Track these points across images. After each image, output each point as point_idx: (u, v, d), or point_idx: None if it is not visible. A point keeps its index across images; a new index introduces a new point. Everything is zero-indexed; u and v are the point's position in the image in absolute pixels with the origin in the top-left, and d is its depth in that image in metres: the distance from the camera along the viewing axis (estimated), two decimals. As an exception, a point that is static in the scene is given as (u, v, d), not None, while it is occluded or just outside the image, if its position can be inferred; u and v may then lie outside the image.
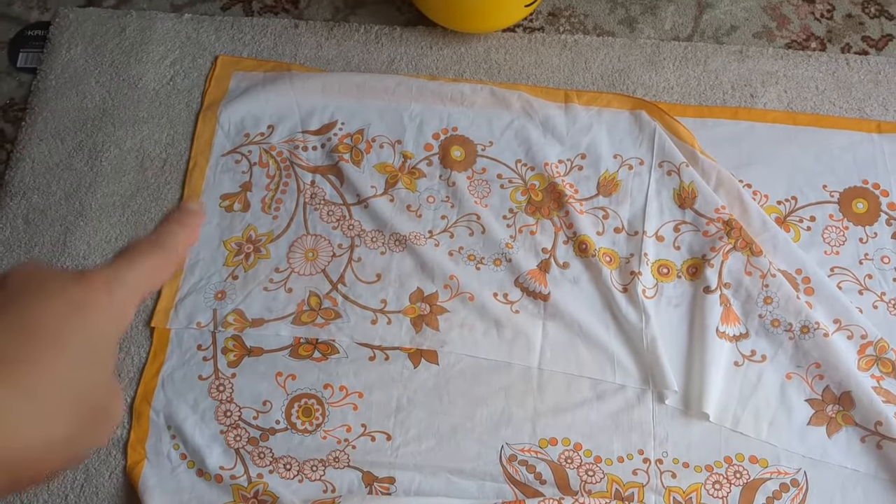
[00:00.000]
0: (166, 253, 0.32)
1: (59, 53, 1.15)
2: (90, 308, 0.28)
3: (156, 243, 0.32)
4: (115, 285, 0.29)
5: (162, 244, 0.32)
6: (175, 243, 0.33)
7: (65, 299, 0.28)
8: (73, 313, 0.27)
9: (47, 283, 0.28)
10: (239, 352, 0.97)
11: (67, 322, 0.27)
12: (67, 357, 0.26)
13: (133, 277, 0.30)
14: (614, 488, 0.91)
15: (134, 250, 0.31)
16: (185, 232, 0.33)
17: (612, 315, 0.99)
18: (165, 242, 0.32)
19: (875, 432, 0.92)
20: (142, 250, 0.31)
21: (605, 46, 1.17)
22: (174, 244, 0.33)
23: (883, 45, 1.18)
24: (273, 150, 1.08)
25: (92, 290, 0.28)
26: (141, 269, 0.31)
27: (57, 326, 0.27)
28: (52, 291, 0.28)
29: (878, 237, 1.03)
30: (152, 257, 0.32)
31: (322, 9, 1.22)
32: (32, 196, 1.06)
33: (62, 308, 0.27)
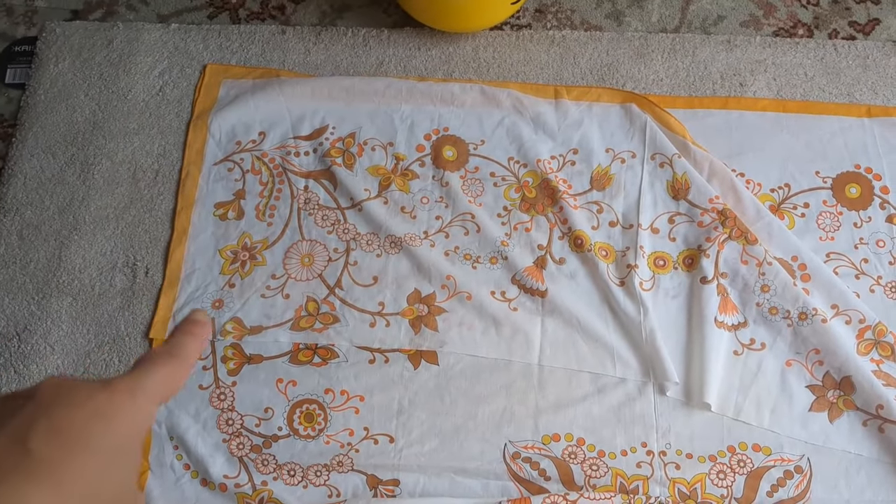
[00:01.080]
0: (180, 361, 0.35)
1: (48, 68, 1.15)
2: (115, 414, 0.30)
3: (170, 353, 0.35)
4: (137, 392, 0.32)
5: (176, 354, 0.35)
6: (188, 353, 0.36)
7: (91, 406, 0.30)
8: (100, 419, 0.30)
9: (74, 392, 0.30)
10: (238, 360, 0.97)
11: (95, 427, 0.29)
12: (96, 460, 0.29)
13: (152, 384, 0.33)
14: (619, 482, 0.91)
15: (151, 360, 0.34)
16: (196, 342, 0.37)
17: (611, 309, 0.99)
18: (179, 352, 0.35)
19: (877, 416, 0.92)
20: (158, 360, 0.34)
21: (593, 41, 1.17)
22: (187, 353, 0.36)
23: (870, 30, 1.19)
24: (265, 156, 1.08)
25: (116, 396, 0.31)
26: (159, 376, 0.33)
27: (85, 432, 0.29)
28: (80, 400, 0.30)
29: (872, 221, 1.04)
30: (168, 366, 0.34)
31: (309, 14, 1.22)
32: (26, 212, 1.06)
33: (89, 415, 0.29)
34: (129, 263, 1.02)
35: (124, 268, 1.02)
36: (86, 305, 1.00)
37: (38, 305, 1.00)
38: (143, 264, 1.02)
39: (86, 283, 1.01)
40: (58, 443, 0.28)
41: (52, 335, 0.99)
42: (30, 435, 0.28)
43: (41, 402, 0.29)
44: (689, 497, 0.90)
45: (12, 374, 0.97)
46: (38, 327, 0.99)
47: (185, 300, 1.00)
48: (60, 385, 0.30)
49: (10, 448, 0.28)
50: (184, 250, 1.03)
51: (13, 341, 0.98)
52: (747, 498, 0.90)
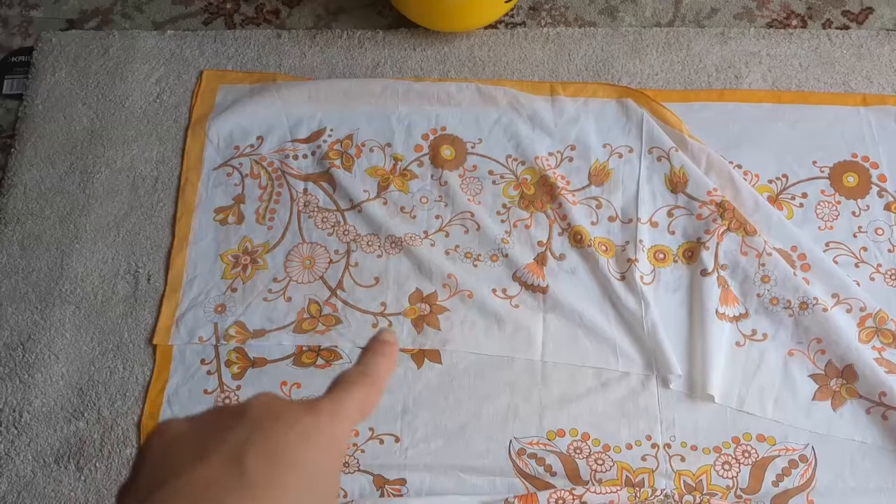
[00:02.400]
0: (373, 382, 0.35)
1: (45, 78, 1.15)
2: (321, 437, 0.31)
3: (364, 373, 0.35)
4: (340, 415, 0.33)
5: (369, 375, 0.35)
6: (380, 373, 0.36)
7: (300, 428, 0.30)
8: (307, 441, 0.30)
9: (283, 412, 0.31)
10: (242, 364, 0.97)
11: (305, 449, 0.30)
12: (305, 482, 0.29)
13: (351, 407, 0.34)
14: (624, 475, 0.91)
15: (347, 382, 0.35)
16: (387, 362, 0.37)
17: (612, 303, 0.99)
18: (372, 373, 0.36)
19: (880, 403, 0.92)
20: (353, 381, 0.35)
21: (588, 37, 1.17)
22: (379, 374, 0.36)
23: (863, 19, 1.19)
24: (264, 160, 1.08)
25: (320, 419, 0.32)
26: (356, 398, 0.34)
27: (296, 453, 0.30)
28: (289, 420, 0.31)
29: (870, 209, 1.04)
30: (363, 387, 0.35)
31: (304, 17, 1.22)
32: (26, 222, 1.06)
33: (299, 436, 0.30)
34: (131, 270, 1.03)
35: (126, 275, 1.03)
36: (89, 313, 1.01)
37: (41, 315, 1.01)
38: (145, 271, 1.03)
39: (88, 291, 1.02)
40: (271, 463, 0.29)
41: (56, 344, 0.99)
42: (245, 454, 0.29)
43: (253, 421, 0.30)
44: (694, 489, 0.90)
45: (17, 384, 0.97)
46: (42, 336, 0.99)
47: (187, 306, 1.00)
48: (271, 404, 0.31)
49: (227, 468, 0.28)
50: (185, 256, 1.03)
51: (17, 351, 0.99)
52: (753, 488, 0.90)
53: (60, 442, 0.94)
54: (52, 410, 0.96)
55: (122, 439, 0.94)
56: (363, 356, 0.37)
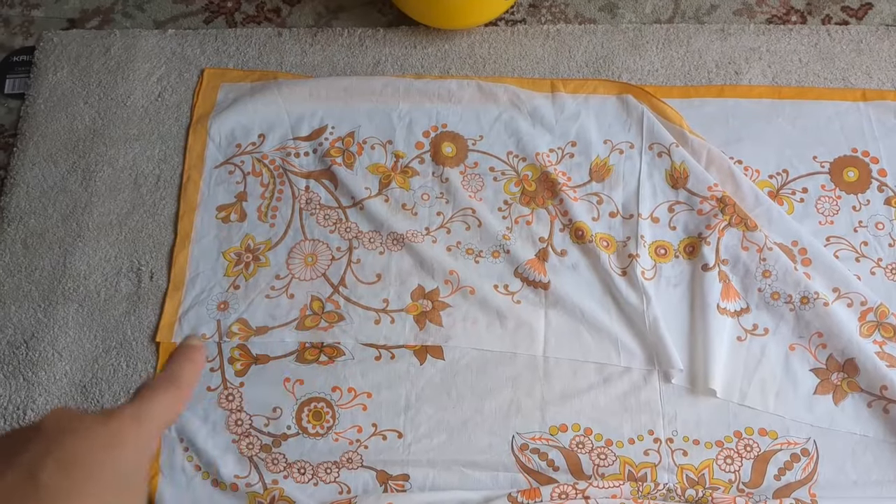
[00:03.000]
0: (180, 388, 0.36)
1: (46, 77, 1.16)
2: (122, 443, 0.31)
3: (170, 380, 0.35)
4: (142, 419, 0.32)
5: (175, 381, 0.36)
6: (187, 379, 0.36)
7: (98, 436, 0.30)
8: (107, 449, 0.30)
9: (79, 423, 0.30)
10: (245, 360, 0.97)
11: (103, 457, 0.30)
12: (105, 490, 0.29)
13: (155, 411, 0.33)
14: (627, 470, 0.91)
15: (152, 388, 0.35)
16: (194, 368, 0.37)
17: (613, 299, 0.99)
18: (178, 379, 0.36)
19: (881, 396, 0.92)
20: (159, 387, 0.35)
21: (588, 34, 1.17)
22: (186, 380, 0.36)
23: (863, 14, 1.19)
24: (265, 158, 1.09)
25: (122, 425, 0.31)
26: (161, 403, 0.34)
27: (94, 462, 0.29)
28: (86, 430, 0.30)
29: (870, 204, 1.04)
30: (169, 392, 0.35)
31: (304, 15, 1.22)
32: (29, 220, 1.06)
33: (97, 445, 0.30)
34: (134, 268, 1.03)
35: (129, 273, 1.03)
36: (92, 311, 1.01)
37: (44, 313, 1.01)
38: (148, 269, 1.03)
39: (91, 289, 1.02)
40: (67, 474, 0.28)
41: (60, 342, 0.99)
42: (40, 468, 0.28)
43: (48, 435, 0.30)
44: (697, 483, 0.90)
45: (21, 382, 0.97)
46: (46, 334, 1.00)
47: (190, 303, 1.00)
48: (64, 416, 0.31)
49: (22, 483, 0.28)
50: (188, 254, 1.03)
51: (21, 349, 0.99)
52: (755, 482, 0.90)
53: (64, 439, 0.94)
54: (56, 408, 0.96)
55: (125, 436, 0.94)
56: (169, 363, 0.37)
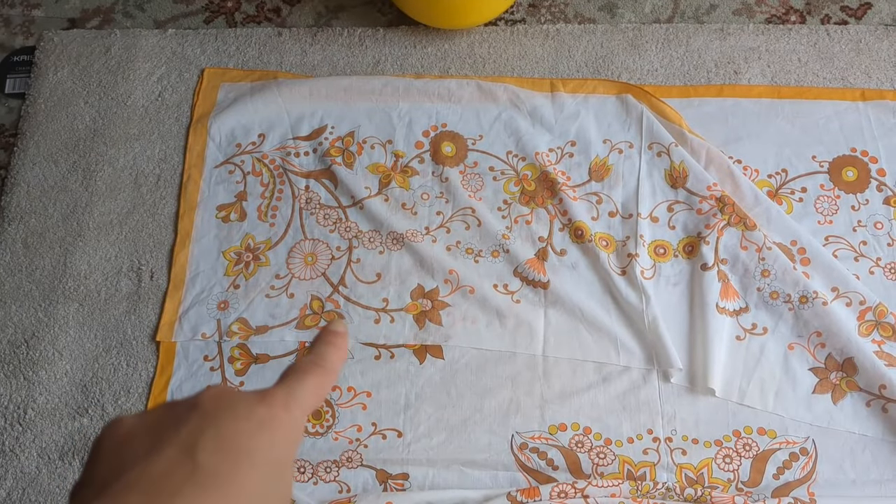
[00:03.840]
0: (326, 371, 0.35)
1: (47, 77, 1.16)
2: (274, 426, 0.31)
3: (316, 363, 0.35)
4: (292, 404, 0.32)
5: (321, 364, 0.35)
6: (332, 363, 0.36)
7: (254, 418, 0.30)
8: (261, 431, 0.30)
9: (236, 403, 0.31)
10: (245, 360, 0.98)
11: (259, 440, 0.30)
12: (259, 473, 0.29)
13: (304, 395, 0.33)
14: (626, 469, 0.91)
15: (300, 371, 0.34)
16: (338, 352, 0.36)
17: (613, 298, 1.00)
18: (324, 363, 0.35)
19: (880, 396, 0.93)
20: (306, 370, 0.34)
21: (588, 33, 1.18)
22: (331, 364, 0.36)
23: (862, 14, 1.19)
24: (265, 158, 1.09)
25: (274, 408, 0.31)
26: (309, 386, 0.34)
27: (250, 444, 0.29)
28: (242, 411, 0.30)
29: (869, 204, 1.04)
30: (316, 376, 0.34)
31: (304, 15, 1.22)
32: (30, 220, 1.06)
33: (252, 427, 0.30)
34: (134, 268, 1.03)
35: (129, 272, 1.03)
36: (92, 311, 1.01)
37: (45, 312, 1.01)
38: (148, 268, 1.03)
39: (91, 288, 1.02)
40: (224, 455, 0.29)
41: (60, 341, 0.99)
42: (198, 447, 0.28)
43: (206, 413, 0.30)
44: (696, 482, 0.90)
45: (21, 381, 0.97)
46: (46, 334, 1.00)
47: (190, 302, 1.01)
48: (222, 395, 0.31)
49: (181, 460, 0.28)
50: (188, 253, 1.03)
51: (21, 348, 0.99)
52: (754, 481, 0.90)
53: (65, 438, 0.94)
54: (57, 407, 0.96)
55: (126, 435, 0.94)
56: (315, 346, 0.36)
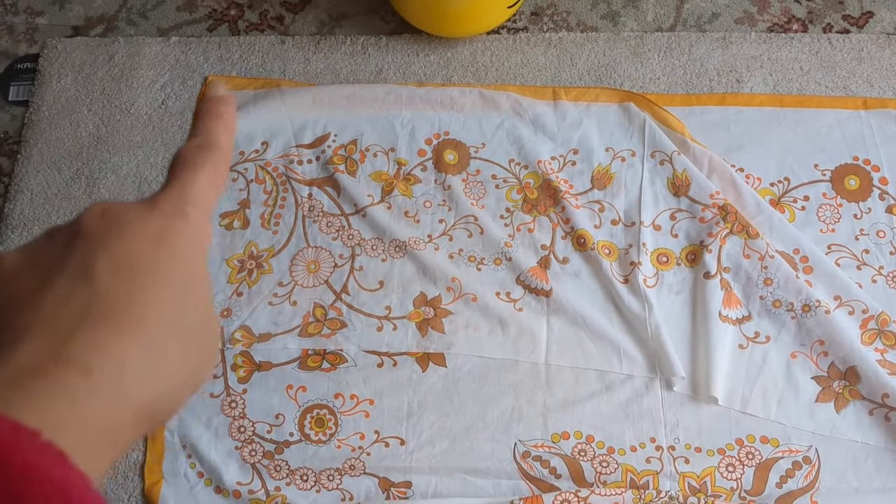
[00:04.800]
0: (217, 152, 0.30)
1: (50, 84, 1.16)
2: (173, 237, 0.27)
3: (204, 146, 0.30)
4: (188, 209, 0.28)
5: (211, 144, 0.30)
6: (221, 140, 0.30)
7: (147, 234, 0.26)
8: (159, 246, 0.26)
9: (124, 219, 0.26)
10: (248, 367, 0.98)
11: (156, 256, 0.26)
12: (168, 291, 0.26)
13: (199, 193, 0.29)
14: (629, 477, 0.91)
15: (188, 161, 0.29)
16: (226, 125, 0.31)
17: (615, 306, 1.00)
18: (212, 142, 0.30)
19: (882, 405, 0.92)
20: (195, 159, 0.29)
21: (590, 42, 1.18)
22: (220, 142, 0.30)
23: (864, 23, 1.20)
24: (268, 165, 1.09)
25: (167, 217, 0.27)
26: (203, 178, 0.29)
27: (148, 262, 0.26)
28: (133, 227, 0.26)
29: (871, 212, 1.04)
30: (207, 162, 0.29)
31: (307, 23, 1.23)
32: (33, 227, 1.07)
33: (147, 244, 0.26)
34: (137, 275, 1.03)
35: (132, 280, 1.03)
36: (95, 318, 1.01)
37: (47, 319, 1.01)
38: (151, 276, 1.03)
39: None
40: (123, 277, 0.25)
41: (63, 348, 0.99)
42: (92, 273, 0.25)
43: (93, 236, 0.26)
44: (699, 490, 0.90)
45: (24, 389, 0.97)
46: (49, 341, 1.00)
47: (193, 310, 1.00)
48: (106, 214, 0.27)
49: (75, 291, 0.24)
50: (191, 261, 1.03)
51: (24, 356, 0.99)
52: (757, 490, 0.90)
53: (67, 446, 0.94)
54: (59, 414, 0.96)
55: (128, 443, 0.94)
56: (197, 123, 0.31)
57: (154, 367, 0.25)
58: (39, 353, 0.23)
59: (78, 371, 0.23)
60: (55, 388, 0.22)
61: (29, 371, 0.23)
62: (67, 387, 0.23)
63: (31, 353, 0.23)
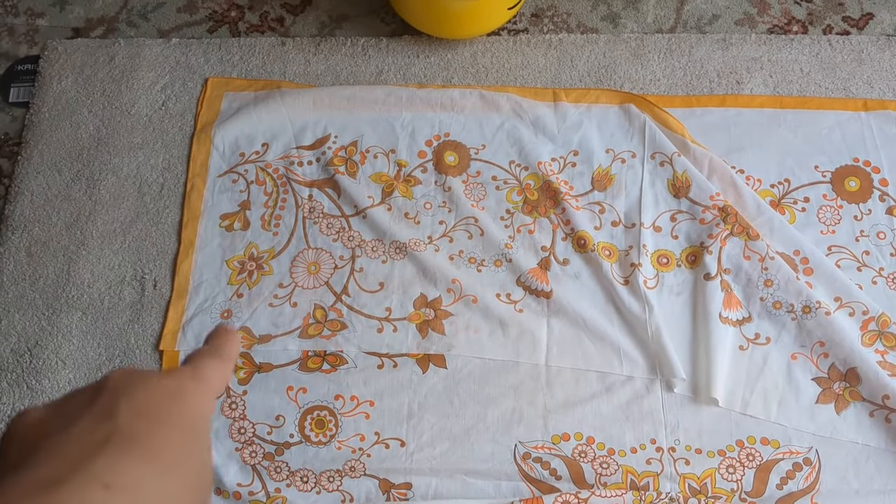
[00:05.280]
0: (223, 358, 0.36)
1: (51, 86, 1.16)
2: (185, 395, 0.31)
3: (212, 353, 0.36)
4: (200, 375, 0.33)
5: (218, 353, 0.36)
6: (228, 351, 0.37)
7: (164, 388, 0.31)
8: (172, 400, 0.31)
9: (144, 378, 0.31)
10: (249, 369, 0.98)
11: (172, 406, 0.30)
12: (178, 435, 0.30)
13: (209, 373, 0.34)
14: (629, 479, 0.91)
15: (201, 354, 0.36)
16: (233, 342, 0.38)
17: (616, 308, 1.00)
18: (221, 351, 0.36)
19: (883, 406, 0.92)
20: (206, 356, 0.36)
21: (590, 43, 1.18)
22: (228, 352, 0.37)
23: (864, 24, 1.20)
24: (269, 167, 1.09)
25: (183, 380, 0.32)
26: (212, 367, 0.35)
27: (163, 409, 0.30)
28: (152, 384, 0.31)
29: (872, 213, 1.05)
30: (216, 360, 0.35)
31: (308, 25, 1.23)
32: (33, 228, 1.07)
33: (165, 395, 0.31)
34: (138, 277, 1.03)
35: (133, 281, 1.03)
36: (95, 319, 1.01)
37: (48, 321, 1.01)
38: (152, 277, 1.03)
39: (95, 297, 1.02)
40: (142, 419, 0.29)
41: (63, 350, 0.99)
42: (116, 412, 0.29)
43: (115, 388, 0.30)
44: (699, 492, 0.90)
45: (25, 390, 0.97)
46: (49, 342, 1.00)
47: (193, 311, 1.01)
48: (128, 373, 0.31)
49: (99, 425, 0.28)
50: (191, 262, 1.04)
51: (25, 357, 0.99)
52: (757, 491, 0.90)
53: (68, 447, 0.94)
54: (60, 416, 0.96)
55: (129, 444, 0.94)
56: (210, 338, 0.37)
57: (165, 494, 0.28)
58: (62, 467, 0.26)
59: (99, 485, 0.26)
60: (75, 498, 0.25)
61: (52, 480, 0.25)
62: (87, 498, 0.25)
63: (55, 467, 0.26)
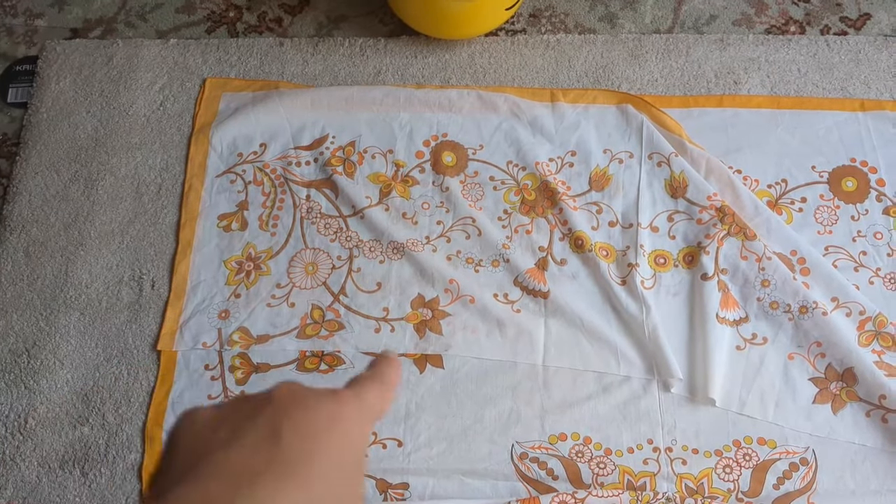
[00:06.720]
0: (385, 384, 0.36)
1: (49, 86, 1.16)
2: (345, 419, 0.32)
3: (374, 377, 0.36)
4: (362, 405, 0.33)
5: (380, 379, 0.36)
6: (390, 378, 0.37)
7: (325, 412, 0.31)
8: (332, 424, 0.31)
9: (308, 397, 0.32)
10: (246, 369, 0.98)
11: (331, 428, 0.31)
12: (332, 463, 0.30)
13: (370, 398, 0.34)
14: (626, 479, 0.91)
15: (363, 378, 0.36)
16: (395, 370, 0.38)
17: (613, 308, 1.00)
18: (383, 377, 0.36)
19: (879, 406, 0.93)
20: (369, 379, 0.36)
21: (588, 44, 1.18)
22: (389, 378, 0.37)
23: (861, 25, 1.20)
24: (267, 167, 1.09)
25: (344, 404, 0.32)
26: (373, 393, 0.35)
27: (322, 431, 0.31)
28: (314, 405, 0.31)
29: (869, 214, 1.05)
30: (377, 384, 0.36)
31: (306, 25, 1.23)
32: (32, 229, 1.07)
33: (325, 416, 0.31)
34: (136, 277, 1.04)
35: (130, 281, 1.03)
36: (93, 320, 1.01)
37: (46, 321, 1.01)
38: (149, 277, 1.03)
39: (93, 297, 1.03)
40: (303, 442, 0.30)
41: (61, 350, 0.99)
42: (279, 434, 0.29)
43: (280, 404, 0.31)
44: (696, 492, 0.90)
45: (23, 390, 0.98)
46: (47, 343, 1.00)
47: (191, 312, 1.01)
48: (294, 390, 0.32)
49: (262, 446, 0.29)
50: (189, 262, 1.04)
51: (23, 357, 0.99)
52: (754, 491, 0.90)
53: (65, 448, 0.95)
54: (57, 416, 0.96)
55: (126, 445, 0.94)
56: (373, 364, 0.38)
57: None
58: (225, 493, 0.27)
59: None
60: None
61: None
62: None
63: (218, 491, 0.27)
